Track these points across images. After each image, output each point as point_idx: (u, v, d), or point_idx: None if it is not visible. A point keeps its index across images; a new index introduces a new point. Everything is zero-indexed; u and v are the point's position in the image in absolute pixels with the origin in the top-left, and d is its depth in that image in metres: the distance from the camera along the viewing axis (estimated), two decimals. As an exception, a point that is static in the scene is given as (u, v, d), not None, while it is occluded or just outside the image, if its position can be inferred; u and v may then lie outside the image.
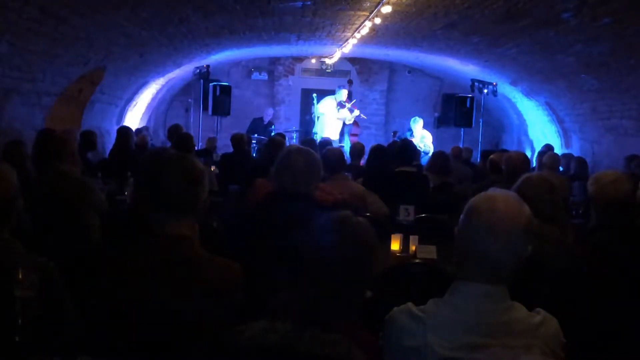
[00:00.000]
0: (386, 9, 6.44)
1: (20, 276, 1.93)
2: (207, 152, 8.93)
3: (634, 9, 5.26)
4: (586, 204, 4.54)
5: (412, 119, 11.15)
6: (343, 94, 11.43)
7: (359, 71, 13.54)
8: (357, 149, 7.40)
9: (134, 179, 5.15)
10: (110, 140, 8.70)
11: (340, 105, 11.43)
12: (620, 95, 7.71)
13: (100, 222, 3.97)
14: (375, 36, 8.57)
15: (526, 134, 11.86)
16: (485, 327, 1.64)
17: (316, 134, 11.34)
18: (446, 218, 4.47)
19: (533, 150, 10.95)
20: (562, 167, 7.77)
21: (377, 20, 7.11)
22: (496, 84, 10.41)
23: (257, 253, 2.69)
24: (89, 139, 6.79)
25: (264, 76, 13.61)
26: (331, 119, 11.48)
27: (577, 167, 7.64)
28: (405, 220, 4.35)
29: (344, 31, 8.69)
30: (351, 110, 11.51)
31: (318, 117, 11.60)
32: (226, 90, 11.82)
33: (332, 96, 11.60)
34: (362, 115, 11.67)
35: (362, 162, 7.36)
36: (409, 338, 1.69)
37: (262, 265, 2.52)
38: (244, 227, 2.97)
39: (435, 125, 13.02)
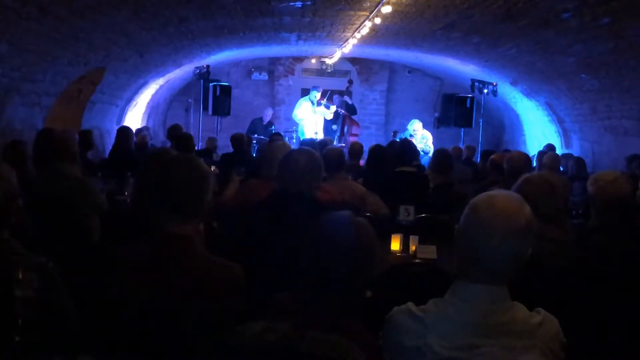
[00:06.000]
0: (386, 9, 6.44)
1: (20, 276, 1.93)
2: (207, 152, 8.93)
3: (634, 9, 5.26)
4: (586, 204, 4.54)
5: (410, 123, 11.13)
6: (316, 94, 11.52)
7: (359, 71, 13.54)
8: (355, 149, 7.38)
9: (134, 179, 5.16)
10: (110, 140, 8.70)
11: (317, 104, 11.54)
12: (620, 95, 7.70)
13: (100, 222, 3.97)
14: (375, 36, 8.57)
15: (526, 134, 11.86)
16: (485, 327, 1.64)
17: (302, 136, 11.40)
18: (446, 218, 4.47)
19: (533, 151, 10.95)
20: (562, 167, 7.77)
21: (377, 20, 7.10)
22: (496, 84, 10.41)
23: (257, 253, 2.69)
24: (87, 139, 6.78)
25: (264, 76, 13.61)
26: (311, 120, 11.51)
27: (576, 167, 7.64)
28: (405, 220, 4.35)
29: (344, 31, 8.69)
30: (327, 107, 11.63)
31: (298, 123, 11.69)
32: (226, 90, 11.82)
33: (306, 97, 11.65)
34: (340, 110, 11.72)
35: (361, 162, 7.35)
36: (409, 338, 1.69)
37: (262, 265, 2.52)
38: (245, 227, 2.97)
39: (435, 125, 13.01)
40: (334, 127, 11.78)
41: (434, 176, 5.54)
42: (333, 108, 11.67)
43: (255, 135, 10.77)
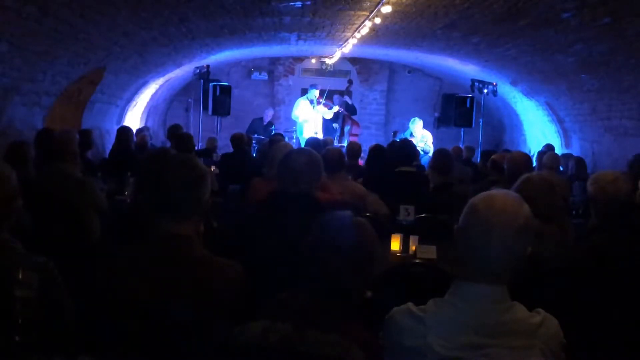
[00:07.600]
0: (386, 9, 6.44)
1: (20, 276, 1.93)
2: (207, 152, 8.94)
3: (634, 9, 5.26)
4: (586, 204, 4.54)
5: (411, 121, 11.13)
6: (315, 93, 11.49)
7: (359, 71, 13.54)
8: (353, 149, 7.39)
9: (134, 179, 5.17)
10: (110, 140, 8.71)
11: (317, 102, 11.53)
12: (620, 95, 7.70)
13: (100, 222, 3.97)
14: (375, 36, 8.57)
15: (526, 134, 11.85)
16: (485, 327, 1.64)
17: (300, 136, 11.39)
18: (446, 218, 4.47)
19: (533, 150, 10.94)
20: (562, 167, 7.77)
21: (377, 20, 7.10)
22: (496, 84, 10.41)
23: (257, 253, 2.69)
24: (86, 138, 6.78)
25: (264, 76, 13.61)
26: (310, 120, 11.50)
27: (576, 167, 7.64)
28: (405, 220, 4.35)
29: (344, 31, 8.69)
30: (328, 106, 11.61)
31: (296, 123, 11.68)
32: (226, 90, 11.83)
33: (305, 97, 11.65)
34: (341, 109, 11.72)
35: (361, 162, 7.35)
36: (409, 338, 1.69)
37: (263, 265, 2.52)
38: (245, 227, 2.97)
39: (435, 125, 13.01)
40: (335, 125, 11.78)
41: (434, 176, 5.54)
42: (335, 108, 11.66)
43: (255, 135, 10.78)
